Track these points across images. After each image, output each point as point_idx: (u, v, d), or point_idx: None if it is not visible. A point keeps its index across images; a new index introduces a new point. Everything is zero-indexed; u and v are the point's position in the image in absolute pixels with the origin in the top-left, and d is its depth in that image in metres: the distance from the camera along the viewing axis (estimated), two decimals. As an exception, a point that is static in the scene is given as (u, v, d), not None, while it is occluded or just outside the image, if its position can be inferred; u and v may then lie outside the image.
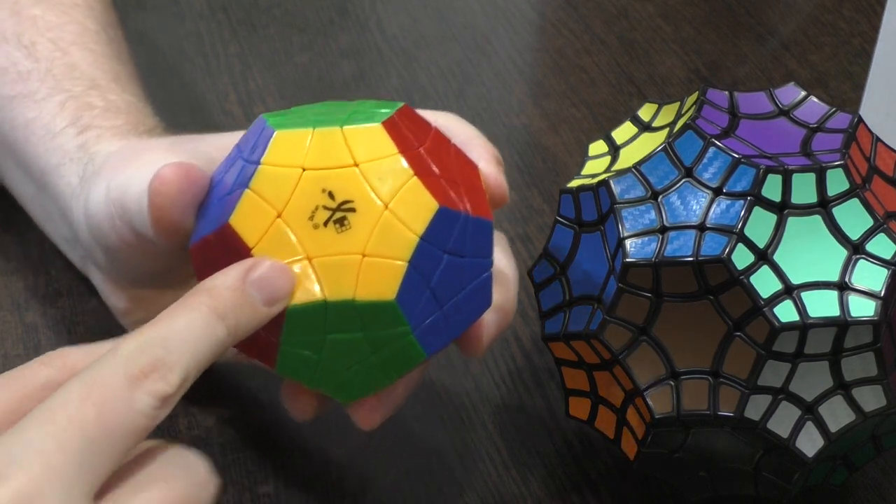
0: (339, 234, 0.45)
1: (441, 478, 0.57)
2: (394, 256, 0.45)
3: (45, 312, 0.62)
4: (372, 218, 0.45)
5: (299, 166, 0.46)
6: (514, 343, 0.63)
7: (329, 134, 0.46)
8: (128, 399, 0.41)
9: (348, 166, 0.46)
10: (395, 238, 0.45)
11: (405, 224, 0.46)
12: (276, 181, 0.46)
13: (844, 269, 0.49)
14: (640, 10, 0.84)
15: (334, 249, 0.45)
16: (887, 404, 0.50)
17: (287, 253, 0.45)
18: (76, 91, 0.59)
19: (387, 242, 0.45)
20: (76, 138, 0.57)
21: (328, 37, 0.80)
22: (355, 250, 0.45)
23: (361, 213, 0.45)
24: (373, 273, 0.45)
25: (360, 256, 0.45)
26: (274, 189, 0.46)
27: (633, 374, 0.50)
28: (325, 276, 0.45)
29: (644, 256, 0.49)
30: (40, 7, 0.62)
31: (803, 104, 0.54)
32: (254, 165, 0.46)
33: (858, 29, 0.84)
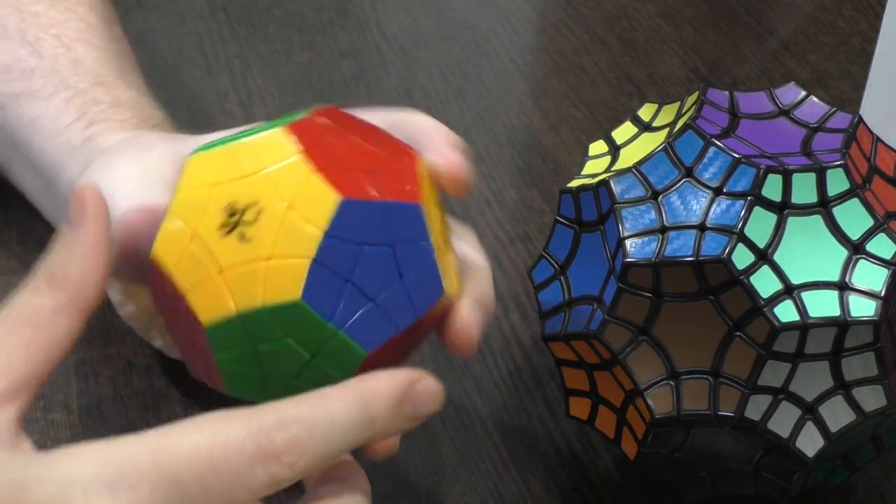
0: (244, 243, 0.45)
1: (441, 478, 0.57)
2: (296, 255, 0.45)
3: (45, 312, 0.62)
4: (275, 221, 0.45)
5: (210, 184, 0.46)
6: (514, 343, 0.63)
7: (236, 147, 0.46)
8: (246, 474, 0.41)
9: (253, 174, 0.46)
10: (298, 237, 0.45)
11: (307, 220, 0.45)
12: (190, 204, 0.46)
13: (844, 269, 0.49)
14: (640, 10, 0.84)
15: (244, 258, 0.45)
16: (887, 404, 0.50)
17: (202, 272, 0.45)
18: (82, 87, 0.59)
19: (290, 243, 0.45)
20: (83, 133, 0.57)
21: (328, 37, 0.80)
22: (261, 256, 0.45)
23: (266, 217, 0.45)
24: (276, 275, 0.45)
25: (265, 262, 0.45)
26: (188, 211, 0.46)
27: (633, 374, 0.50)
28: (235, 287, 0.45)
29: (644, 256, 0.49)
30: (42, 4, 0.62)
31: (803, 104, 0.54)
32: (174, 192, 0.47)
33: (858, 29, 0.84)
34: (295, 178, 0.45)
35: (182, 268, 0.46)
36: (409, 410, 0.44)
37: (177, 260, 0.46)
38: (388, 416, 0.44)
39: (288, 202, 0.45)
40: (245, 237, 0.45)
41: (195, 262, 0.45)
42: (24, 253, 0.65)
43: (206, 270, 0.45)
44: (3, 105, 0.60)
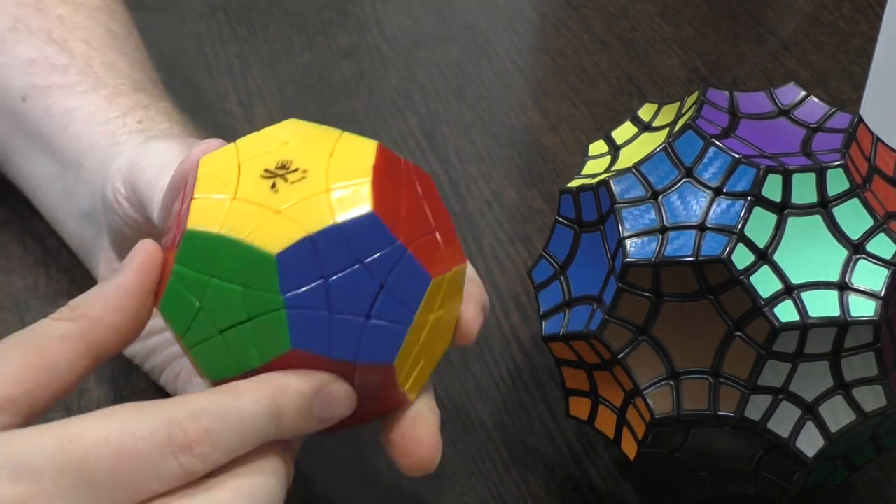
0: (296, 185, 0.45)
1: (441, 478, 0.57)
2: (299, 222, 0.45)
3: (45, 312, 0.61)
4: (322, 166, 0.45)
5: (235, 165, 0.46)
6: (514, 343, 0.63)
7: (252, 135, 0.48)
8: (157, 463, 0.41)
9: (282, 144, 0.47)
10: (315, 210, 0.45)
11: (330, 206, 0.45)
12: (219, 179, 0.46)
13: (844, 269, 0.49)
14: (640, 10, 0.84)
15: (258, 200, 0.45)
16: (887, 404, 0.50)
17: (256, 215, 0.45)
18: (123, 89, 0.60)
19: (306, 211, 0.45)
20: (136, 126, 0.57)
21: (328, 37, 0.80)
22: (276, 206, 0.45)
23: (311, 167, 0.45)
24: (272, 226, 0.44)
25: (275, 212, 0.45)
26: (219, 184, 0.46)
27: (633, 374, 0.50)
28: (234, 216, 0.45)
29: (644, 256, 0.49)
30: (65, 8, 0.63)
31: (803, 104, 0.54)
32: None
33: (858, 29, 0.84)
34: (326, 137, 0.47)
35: (233, 224, 0.45)
36: (317, 411, 0.44)
37: (223, 219, 0.45)
38: (295, 415, 0.44)
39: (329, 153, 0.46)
40: (294, 182, 0.45)
41: (247, 214, 0.45)
42: (24, 253, 0.65)
43: (262, 213, 0.45)
44: (27, 97, 0.60)
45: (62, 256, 0.64)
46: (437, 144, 0.73)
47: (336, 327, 0.45)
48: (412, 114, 0.75)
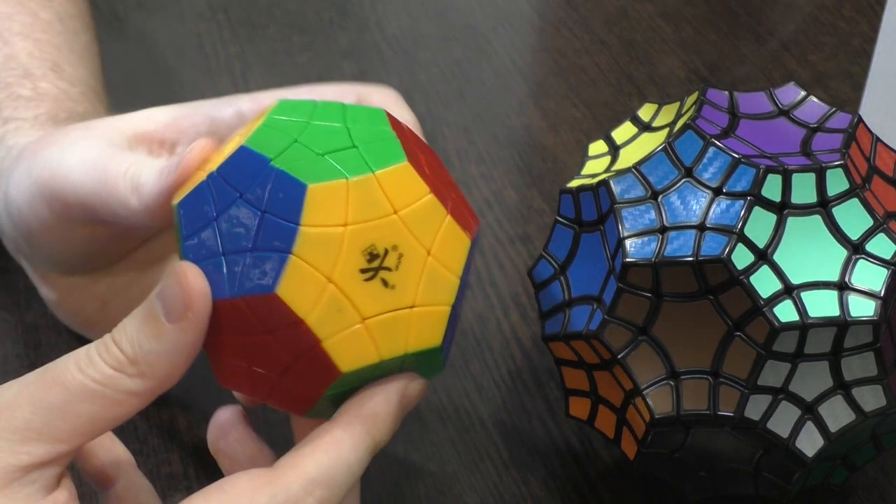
0: (388, 289, 0.44)
1: (441, 478, 0.57)
2: (439, 302, 0.45)
3: (45, 312, 0.62)
4: (417, 267, 0.44)
5: (341, 223, 0.43)
6: (514, 343, 0.63)
7: (365, 183, 0.44)
8: None
9: (389, 215, 0.44)
10: (441, 284, 0.45)
11: (447, 268, 0.45)
12: (320, 244, 0.43)
13: (844, 269, 0.49)
14: (640, 10, 0.84)
15: (387, 306, 0.44)
16: (887, 404, 0.50)
17: (343, 321, 0.44)
18: (9, 81, 0.59)
19: (434, 290, 0.45)
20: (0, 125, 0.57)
21: (328, 37, 0.80)
22: (405, 304, 0.44)
23: (408, 262, 0.44)
24: (421, 324, 0.45)
25: (408, 310, 0.44)
26: (319, 252, 0.43)
27: (633, 374, 0.50)
28: (381, 336, 0.44)
29: (644, 256, 0.49)
30: None
31: (803, 104, 0.54)
32: (292, 225, 0.43)
33: (858, 29, 0.84)
34: (431, 220, 0.45)
35: (318, 314, 0.43)
36: (404, 412, 0.46)
37: (311, 304, 0.43)
38: (389, 433, 0.45)
39: (427, 248, 0.44)
40: (388, 283, 0.44)
41: (335, 308, 0.43)
42: (24, 253, 0.65)
43: (348, 318, 0.43)
44: None
45: (62, 256, 0.64)
46: (437, 144, 0.73)
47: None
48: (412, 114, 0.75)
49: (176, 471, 0.56)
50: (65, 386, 0.42)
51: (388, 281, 0.44)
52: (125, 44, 0.78)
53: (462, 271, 0.45)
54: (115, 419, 0.43)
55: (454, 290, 0.45)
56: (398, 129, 0.46)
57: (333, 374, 0.44)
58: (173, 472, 0.56)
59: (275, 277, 0.43)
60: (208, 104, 0.53)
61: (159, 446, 0.57)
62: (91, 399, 0.43)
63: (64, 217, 0.51)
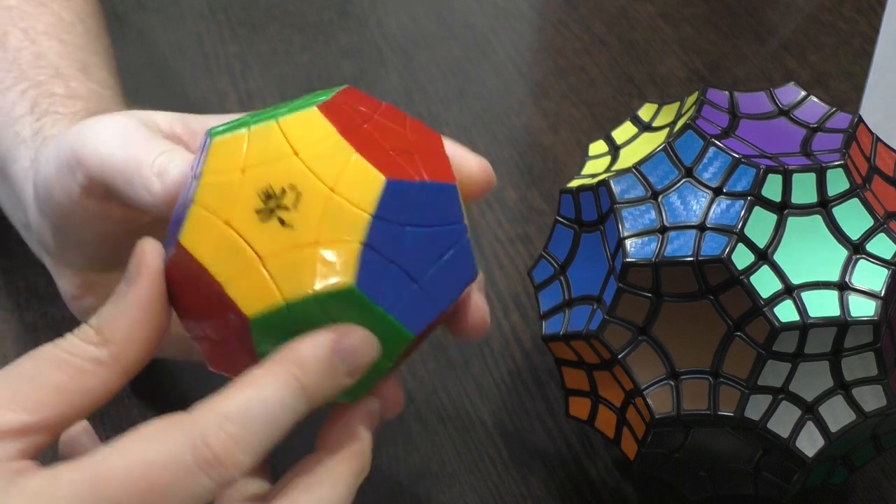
0: (286, 228, 0.43)
1: (441, 478, 0.57)
2: (345, 239, 0.43)
3: (45, 312, 0.62)
4: (318, 205, 0.43)
5: (239, 169, 0.44)
6: (514, 343, 0.63)
7: (265, 129, 0.44)
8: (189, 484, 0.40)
9: (288, 156, 0.44)
10: (346, 220, 0.43)
11: (354, 204, 0.43)
12: (219, 189, 0.44)
13: (844, 269, 0.49)
14: (640, 10, 0.84)
15: (286, 244, 0.43)
16: (887, 404, 0.50)
17: (241, 261, 0.43)
18: (39, 79, 0.58)
19: (337, 227, 0.43)
20: (33, 125, 0.56)
21: (328, 37, 0.80)
22: (306, 241, 0.43)
23: (307, 201, 0.43)
24: (326, 261, 0.43)
25: (311, 248, 0.43)
26: (217, 198, 0.44)
27: (633, 374, 0.50)
28: (281, 275, 0.43)
29: (644, 256, 0.49)
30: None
31: (803, 104, 0.54)
32: (195, 180, 0.45)
33: (858, 29, 0.84)
34: (335, 159, 0.44)
35: (218, 258, 0.44)
36: (343, 367, 0.43)
37: (211, 250, 0.44)
38: (321, 380, 0.43)
39: (330, 185, 0.44)
40: (286, 222, 0.43)
41: (232, 251, 0.43)
42: (24, 253, 0.65)
43: (245, 259, 0.43)
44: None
45: (62, 256, 0.64)
46: (437, 144, 0.73)
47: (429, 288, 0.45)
48: (412, 114, 0.75)
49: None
50: (34, 357, 0.43)
51: (286, 220, 0.43)
52: (125, 44, 0.78)
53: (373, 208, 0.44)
54: (82, 391, 0.43)
55: (362, 226, 0.43)
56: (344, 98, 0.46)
57: (244, 321, 0.44)
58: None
59: (179, 228, 0.45)
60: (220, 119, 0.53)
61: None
62: (57, 367, 0.43)
63: (86, 189, 0.51)
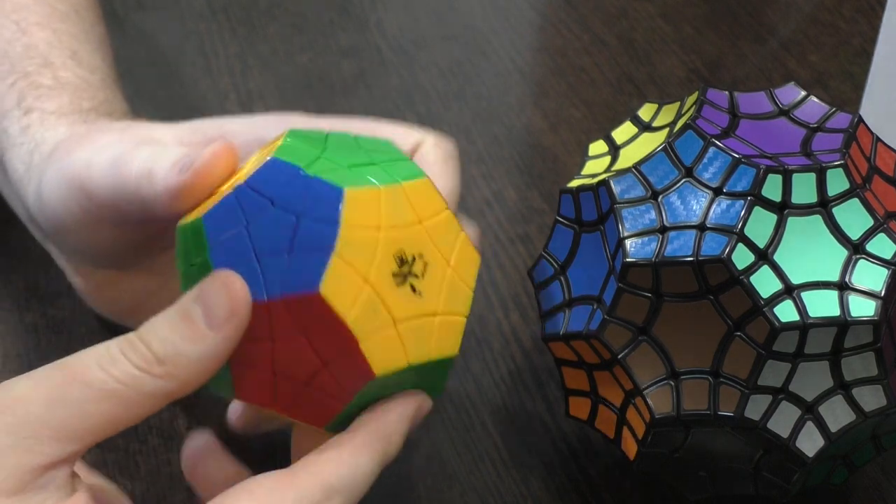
0: (416, 295, 0.46)
1: (441, 478, 0.57)
2: (457, 313, 0.47)
3: (45, 312, 0.62)
4: (439, 277, 0.46)
5: (375, 226, 0.45)
6: (514, 343, 0.63)
7: (394, 192, 0.46)
8: None
9: (415, 224, 0.46)
10: (459, 295, 0.47)
11: (463, 281, 0.47)
12: (359, 245, 0.44)
13: (844, 268, 0.49)
14: (640, 10, 0.84)
15: (416, 311, 0.46)
16: (887, 404, 0.50)
17: (378, 321, 0.44)
18: (28, 70, 0.58)
19: (454, 301, 0.47)
20: (20, 121, 0.56)
21: (328, 37, 0.80)
22: (430, 311, 0.46)
23: (432, 272, 0.46)
24: (444, 332, 0.46)
25: (432, 317, 0.46)
26: (357, 253, 0.44)
27: (633, 374, 0.50)
28: (410, 340, 0.45)
29: (644, 256, 0.49)
30: None
31: (803, 104, 0.54)
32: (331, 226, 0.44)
33: (858, 29, 0.84)
34: (449, 236, 0.47)
35: (357, 313, 0.44)
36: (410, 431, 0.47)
37: (349, 303, 0.44)
38: (399, 447, 0.46)
39: (448, 260, 0.47)
40: (416, 290, 0.45)
41: (372, 310, 0.44)
42: (24, 253, 0.65)
43: (383, 320, 0.45)
44: None
45: (62, 256, 0.64)
46: (437, 144, 0.73)
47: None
48: (412, 114, 0.75)
49: (176, 471, 0.56)
50: (85, 383, 0.42)
51: (416, 287, 0.45)
52: (125, 44, 0.78)
53: (473, 285, 0.48)
54: (128, 421, 0.43)
55: (469, 302, 0.47)
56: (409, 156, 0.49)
57: (367, 376, 0.45)
58: (173, 472, 0.56)
59: (318, 277, 0.43)
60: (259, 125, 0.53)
61: (159, 446, 0.57)
62: (110, 399, 0.42)
63: (95, 217, 0.51)
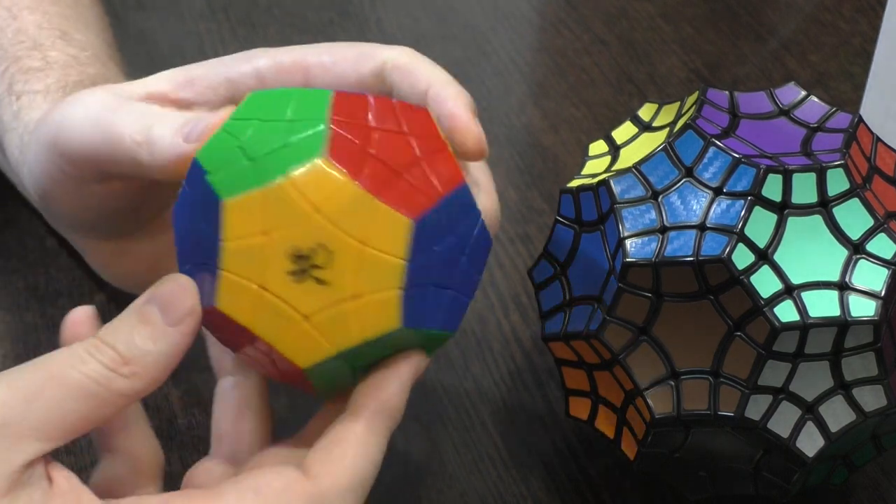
0: (323, 286, 0.44)
1: (441, 478, 0.57)
2: (384, 288, 0.44)
3: (45, 312, 0.62)
4: (351, 260, 0.44)
5: (260, 232, 0.44)
6: (514, 343, 0.63)
7: (278, 190, 0.44)
8: None
9: (309, 216, 0.44)
10: (383, 270, 0.44)
11: (387, 253, 0.44)
12: (245, 255, 0.44)
13: (845, 268, 0.49)
14: (640, 10, 0.84)
15: (327, 301, 0.44)
16: (887, 404, 0.50)
17: (285, 322, 0.44)
18: (18, 55, 0.58)
19: (376, 278, 0.44)
20: (12, 106, 0.56)
21: (328, 37, 0.80)
22: (346, 296, 0.44)
23: (340, 257, 0.44)
24: (370, 312, 0.44)
25: (352, 301, 0.44)
26: (245, 264, 0.44)
27: (633, 374, 0.50)
28: (329, 330, 0.44)
29: (644, 256, 0.49)
30: None
31: (803, 104, 0.54)
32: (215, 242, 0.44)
33: (858, 29, 0.84)
34: (359, 212, 0.44)
35: (260, 321, 0.44)
36: None
37: (250, 314, 0.44)
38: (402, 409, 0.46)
39: (360, 239, 0.44)
40: (322, 281, 0.44)
41: (274, 314, 0.44)
42: (24, 253, 0.65)
43: (289, 320, 0.44)
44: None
45: (62, 256, 0.64)
46: (437, 144, 0.73)
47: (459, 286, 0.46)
48: (412, 114, 0.75)
49: (176, 471, 0.56)
50: (62, 383, 0.42)
51: (322, 278, 0.44)
52: (125, 44, 0.78)
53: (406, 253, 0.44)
54: (99, 419, 0.43)
55: (399, 273, 0.44)
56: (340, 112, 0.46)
57: (299, 370, 0.45)
58: (173, 471, 0.56)
59: (212, 293, 0.45)
60: (225, 64, 0.53)
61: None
62: (86, 398, 0.42)
63: (76, 177, 0.51)
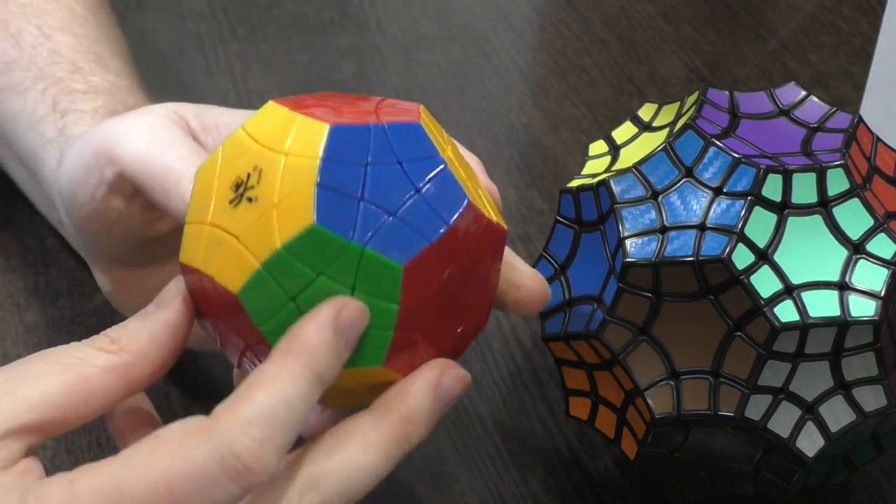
0: (253, 203, 0.44)
1: (441, 478, 0.57)
2: (299, 188, 0.44)
3: (45, 312, 0.62)
4: (276, 170, 0.44)
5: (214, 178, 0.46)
6: (514, 343, 0.63)
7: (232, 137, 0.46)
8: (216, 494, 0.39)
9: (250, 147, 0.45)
10: (300, 173, 0.44)
11: (303, 156, 0.44)
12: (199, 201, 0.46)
13: (845, 269, 0.49)
14: (640, 10, 0.84)
15: (255, 216, 0.44)
16: (887, 404, 0.50)
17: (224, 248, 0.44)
18: (58, 76, 0.59)
19: (294, 181, 0.44)
20: (56, 123, 0.56)
21: (328, 37, 0.80)
22: (270, 205, 0.44)
23: (267, 172, 0.45)
24: (286, 213, 0.44)
25: (275, 208, 0.44)
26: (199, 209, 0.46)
27: (633, 374, 0.50)
28: (254, 244, 0.44)
29: (644, 256, 0.49)
30: None
31: (803, 104, 0.54)
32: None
33: (858, 29, 0.84)
34: (285, 130, 0.45)
35: (208, 256, 0.45)
36: (342, 341, 0.42)
37: (202, 253, 0.45)
38: (332, 362, 0.42)
39: (283, 151, 0.45)
40: (253, 199, 0.44)
41: (216, 244, 0.45)
42: (24, 253, 0.65)
43: (226, 245, 0.44)
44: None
45: (62, 256, 0.64)
46: (437, 144, 0.73)
47: (410, 219, 0.44)
48: (412, 114, 0.75)
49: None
50: (42, 358, 0.43)
51: (252, 196, 0.45)
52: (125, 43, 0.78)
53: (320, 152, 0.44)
54: (88, 394, 0.43)
55: (314, 172, 0.44)
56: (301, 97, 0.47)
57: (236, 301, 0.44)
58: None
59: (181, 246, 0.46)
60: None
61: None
62: (64, 369, 0.43)
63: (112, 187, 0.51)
